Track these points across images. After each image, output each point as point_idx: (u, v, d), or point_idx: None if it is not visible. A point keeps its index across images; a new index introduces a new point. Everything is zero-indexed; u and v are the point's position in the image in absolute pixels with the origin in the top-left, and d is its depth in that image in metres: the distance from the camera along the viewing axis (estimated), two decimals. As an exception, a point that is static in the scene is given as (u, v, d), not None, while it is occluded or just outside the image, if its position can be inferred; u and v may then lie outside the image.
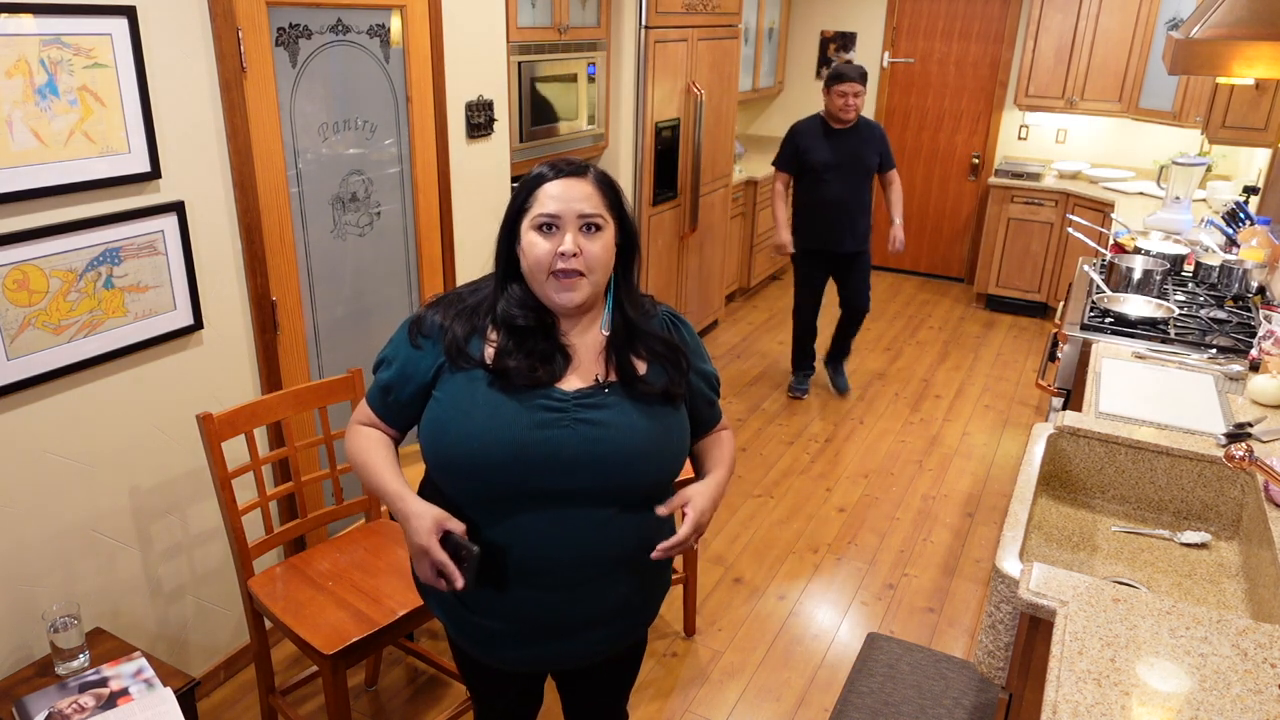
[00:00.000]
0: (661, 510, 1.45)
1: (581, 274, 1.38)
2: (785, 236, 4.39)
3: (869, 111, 6.67)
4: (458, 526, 1.39)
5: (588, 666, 1.62)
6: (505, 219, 1.44)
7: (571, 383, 1.42)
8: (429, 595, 1.59)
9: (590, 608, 1.47)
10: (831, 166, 4.18)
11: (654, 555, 1.44)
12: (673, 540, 1.44)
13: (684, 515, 1.48)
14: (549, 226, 1.38)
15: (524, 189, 1.42)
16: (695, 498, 1.47)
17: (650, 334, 1.48)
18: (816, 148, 4.19)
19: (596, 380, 1.43)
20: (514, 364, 1.39)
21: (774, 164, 4.37)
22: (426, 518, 1.39)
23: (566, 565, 1.42)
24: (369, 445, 1.51)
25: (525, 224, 1.40)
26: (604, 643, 1.53)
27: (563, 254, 1.36)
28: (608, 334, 1.46)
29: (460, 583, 1.37)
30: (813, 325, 4.62)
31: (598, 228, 1.39)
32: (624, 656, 1.71)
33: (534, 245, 1.38)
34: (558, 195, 1.38)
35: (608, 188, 1.43)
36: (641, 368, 1.45)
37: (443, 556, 1.37)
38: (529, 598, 1.44)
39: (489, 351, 1.42)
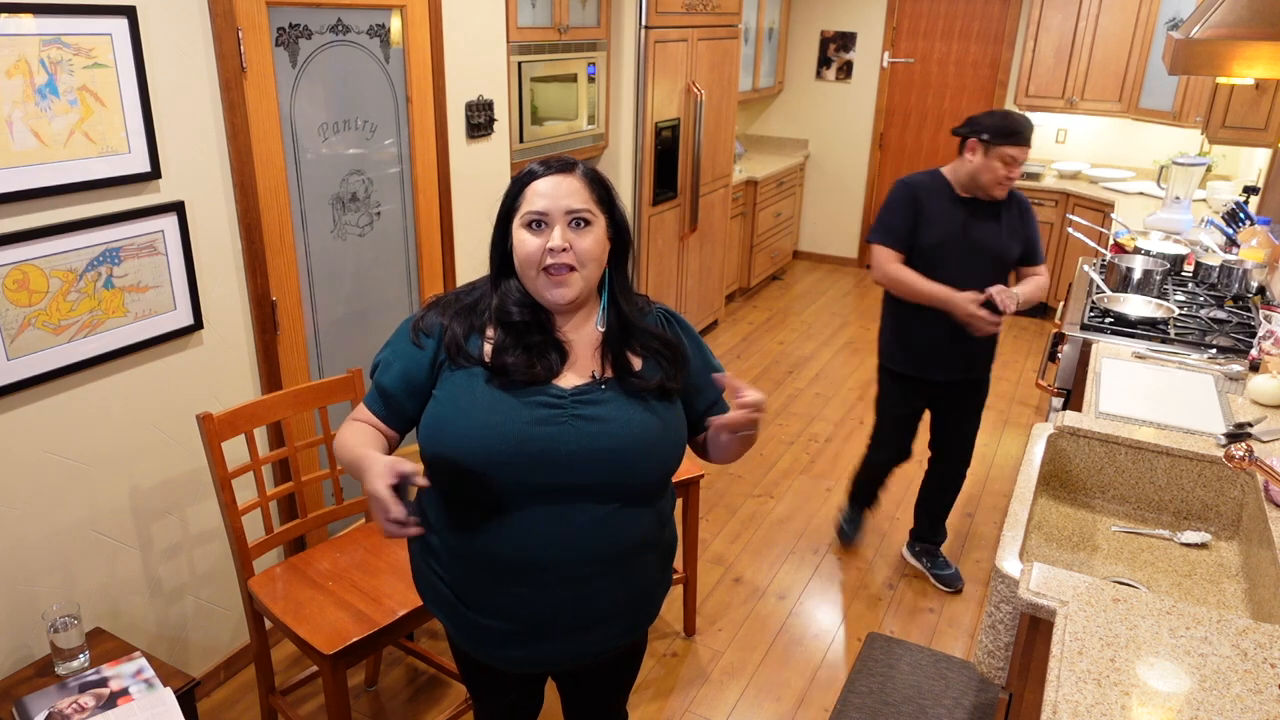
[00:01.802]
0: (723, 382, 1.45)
1: (572, 268, 1.40)
2: (962, 294, 2.66)
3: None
4: (411, 468, 1.30)
5: (588, 666, 1.62)
6: (498, 218, 1.47)
7: (569, 379, 1.43)
8: (428, 595, 1.58)
9: (590, 607, 1.47)
10: (954, 251, 2.69)
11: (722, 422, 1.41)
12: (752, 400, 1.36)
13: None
14: (538, 223, 1.40)
15: (514, 187, 1.44)
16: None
17: (646, 330, 1.49)
18: (939, 221, 2.70)
19: (593, 376, 1.44)
20: (512, 360, 1.41)
21: (876, 239, 2.76)
22: (379, 463, 1.30)
23: (566, 563, 1.42)
24: (351, 432, 1.49)
25: (516, 222, 1.42)
26: (604, 642, 1.52)
27: (551, 249, 1.38)
28: (603, 330, 1.47)
29: (394, 511, 1.26)
30: (888, 471, 3.19)
31: (587, 223, 1.41)
32: (624, 656, 1.70)
33: (524, 242, 1.40)
34: (546, 192, 1.40)
35: (596, 183, 1.44)
36: (637, 364, 1.47)
37: (385, 492, 1.26)
38: (528, 596, 1.44)
39: (487, 349, 1.43)
